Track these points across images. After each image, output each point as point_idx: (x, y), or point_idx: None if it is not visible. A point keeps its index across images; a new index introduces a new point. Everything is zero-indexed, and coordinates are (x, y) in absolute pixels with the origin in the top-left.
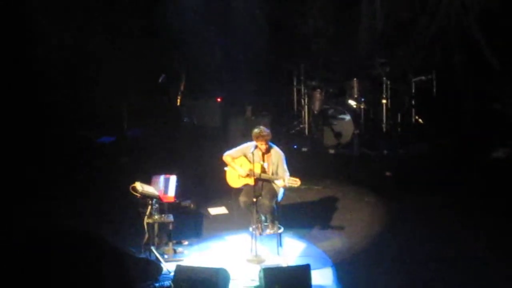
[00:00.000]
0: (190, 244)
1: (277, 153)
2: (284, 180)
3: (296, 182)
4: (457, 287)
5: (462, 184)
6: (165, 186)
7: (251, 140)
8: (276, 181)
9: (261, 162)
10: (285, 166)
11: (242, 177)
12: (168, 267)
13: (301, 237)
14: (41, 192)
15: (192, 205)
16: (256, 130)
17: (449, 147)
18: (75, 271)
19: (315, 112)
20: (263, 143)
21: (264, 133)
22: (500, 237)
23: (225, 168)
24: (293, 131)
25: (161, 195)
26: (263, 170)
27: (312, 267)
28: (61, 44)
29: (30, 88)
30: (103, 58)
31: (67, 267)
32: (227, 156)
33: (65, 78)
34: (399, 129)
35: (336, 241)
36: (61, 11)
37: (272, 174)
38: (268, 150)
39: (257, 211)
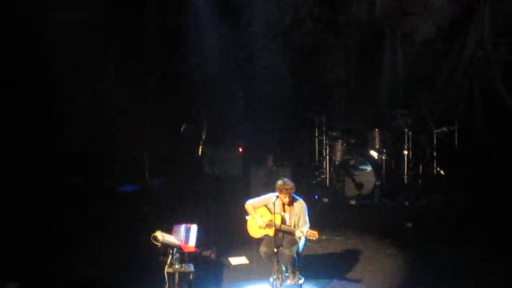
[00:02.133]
0: None
1: (300, 204)
2: (303, 232)
3: (314, 236)
4: None
5: (483, 236)
6: (186, 236)
7: (272, 190)
8: (295, 233)
9: (282, 213)
10: (307, 218)
11: (262, 227)
12: None
13: None
14: (62, 241)
15: (213, 255)
16: (279, 182)
17: (471, 198)
18: None
19: (337, 162)
20: (286, 195)
21: (288, 186)
22: None
23: (246, 217)
24: (315, 181)
25: (182, 245)
26: (283, 221)
27: None
28: (83, 93)
29: (51, 137)
30: (125, 108)
31: None
32: (249, 205)
33: (88, 127)
34: (420, 180)
35: None
36: (83, 60)
37: (294, 225)
38: (291, 202)
39: (278, 261)
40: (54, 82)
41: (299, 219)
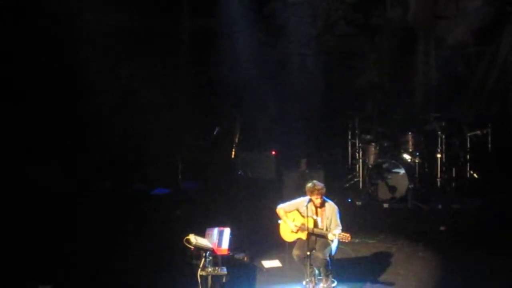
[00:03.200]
0: None
1: (331, 207)
2: (335, 235)
3: (346, 238)
4: None
5: None
6: (219, 239)
7: (305, 193)
8: (327, 236)
9: (314, 217)
10: (339, 220)
11: (294, 231)
12: None
13: None
14: (94, 245)
15: (245, 258)
16: (309, 185)
17: (504, 202)
18: None
19: (370, 165)
20: (318, 197)
21: (319, 187)
22: None
23: (279, 221)
24: (347, 184)
25: (215, 248)
26: (316, 225)
27: None
28: (117, 96)
29: (86, 140)
30: (159, 111)
31: None
32: (280, 209)
33: (122, 129)
34: (453, 183)
35: None
36: (116, 63)
37: (326, 228)
38: (322, 204)
39: (310, 265)
40: (87, 86)
41: (331, 221)
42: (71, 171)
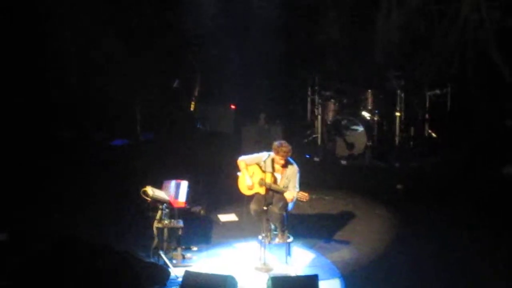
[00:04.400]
0: (199, 250)
1: (293, 168)
2: (292, 195)
3: (304, 197)
4: None
5: (473, 199)
6: (176, 191)
7: (264, 148)
8: (285, 194)
9: (274, 173)
10: (297, 183)
11: (252, 185)
12: (176, 272)
13: (310, 247)
14: (50, 195)
15: (202, 211)
16: (276, 144)
17: (462, 161)
18: (83, 277)
19: (328, 122)
20: (282, 158)
21: (285, 149)
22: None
23: (238, 173)
24: (306, 140)
25: (172, 200)
26: (274, 181)
27: (320, 277)
28: (75, 45)
29: (43, 90)
30: (117, 61)
31: (74, 274)
32: (241, 161)
33: (79, 80)
34: (411, 142)
35: (345, 252)
36: (76, 10)
37: (284, 187)
38: (285, 165)
39: (267, 220)
40: (47, 34)
41: (289, 182)
42: (34, 119)
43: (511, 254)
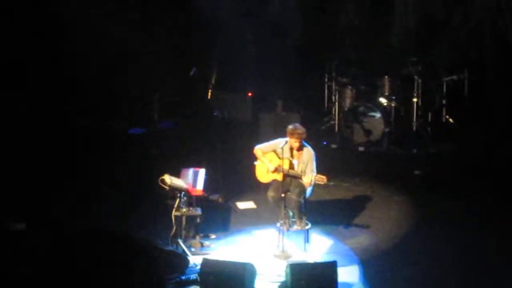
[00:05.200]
0: (217, 238)
1: (308, 152)
2: (310, 177)
3: (322, 180)
4: None
5: (491, 185)
6: (194, 179)
7: (281, 135)
8: (303, 178)
9: (290, 159)
10: (314, 166)
11: (271, 172)
12: (195, 260)
13: (329, 233)
14: (68, 184)
15: (220, 199)
16: (291, 127)
17: (479, 147)
18: (101, 265)
19: (346, 109)
20: (297, 140)
21: (299, 131)
22: None
23: (255, 162)
24: (323, 127)
25: (190, 188)
26: (291, 167)
27: (338, 264)
28: (93, 35)
29: (62, 79)
30: (135, 50)
31: (93, 263)
32: (258, 149)
33: (98, 68)
34: (429, 128)
35: (363, 239)
36: (94, 4)
37: (301, 172)
38: (300, 148)
39: (285, 207)
40: (65, 23)
41: (306, 166)
42: (50, 108)
43: None
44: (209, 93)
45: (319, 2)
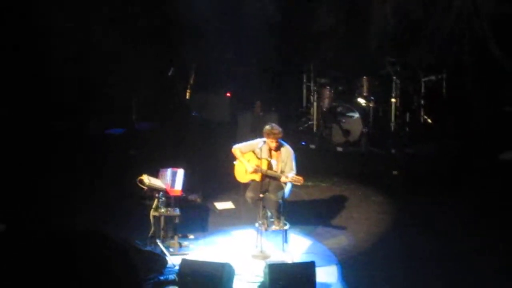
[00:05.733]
0: (195, 238)
1: (287, 150)
2: (287, 177)
3: (299, 181)
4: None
5: (469, 185)
6: (172, 180)
7: (259, 135)
8: (281, 178)
9: (269, 159)
10: (294, 165)
11: (249, 172)
12: (173, 260)
13: (307, 234)
14: (45, 185)
15: (198, 199)
16: (267, 127)
17: (457, 147)
18: (79, 265)
19: (324, 109)
20: (274, 140)
21: (275, 131)
22: (504, 240)
23: (234, 162)
24: (302, 127)
25: (168, 189)
26: (270, 167)
27: (317, 264)
28: (71, 36)
29: (40, 80)
30: (113, 51)
31: (71, 263)
32: (236, 149)
33: (75, 70)
34: (407, 128)
35: (341, 239)
36: (73, 3)
37: (281, 171)
38: (278, 148)
39: (263, 207)
40: (43, 24)
41: (285, 165)
42: (28, 110)
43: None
44: (188, 94)
45: (297, 3)
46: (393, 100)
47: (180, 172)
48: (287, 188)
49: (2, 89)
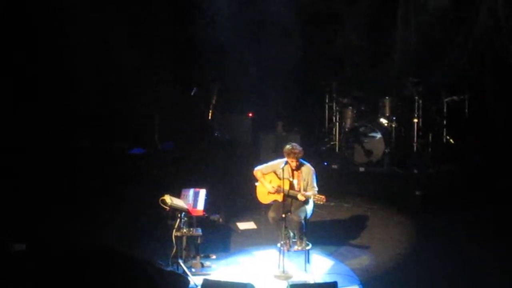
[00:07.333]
0: (217, 258)
1: (308, 169)
2: (303, 194)
3: (321, 199)
4: None
5: (492, 206)
6: (194, 200)
7: (281, 156)
8: (298, 196)
9: (290, 179)
10: (315, 183)
11: (271, 193)
12: (195, 280)
13: (329, 254)
14: (70, 204)
15: (220, 219)
16: (288, 147)
17: (480, 168)
18: (102, 285)
19: (346, 129)
20: (294, 160)
21: (296, 150)
22: None
23: (256, 184)
24: (324, 148)
25: (190, 209)
26: (292, 187)
27: (339, 284)
28: (95, 56)
29: (63, 99)
30: (137, 70)
31: (94, 282)
32: (257, 171)
33: (99, 89)
34: (429, 148)
35: (364, 259)
36: (96, 22)
37: (304, 190)
38: (299, 167)
39: (285, 227)
40: (67, 44)
41: (307, 184)
42: (51, 128)
43: None
44: (210, 114)
45: (320, 22)
46: (415, 120)
47: (202, 192)
48: (309, 208)
49: (30, 110)
